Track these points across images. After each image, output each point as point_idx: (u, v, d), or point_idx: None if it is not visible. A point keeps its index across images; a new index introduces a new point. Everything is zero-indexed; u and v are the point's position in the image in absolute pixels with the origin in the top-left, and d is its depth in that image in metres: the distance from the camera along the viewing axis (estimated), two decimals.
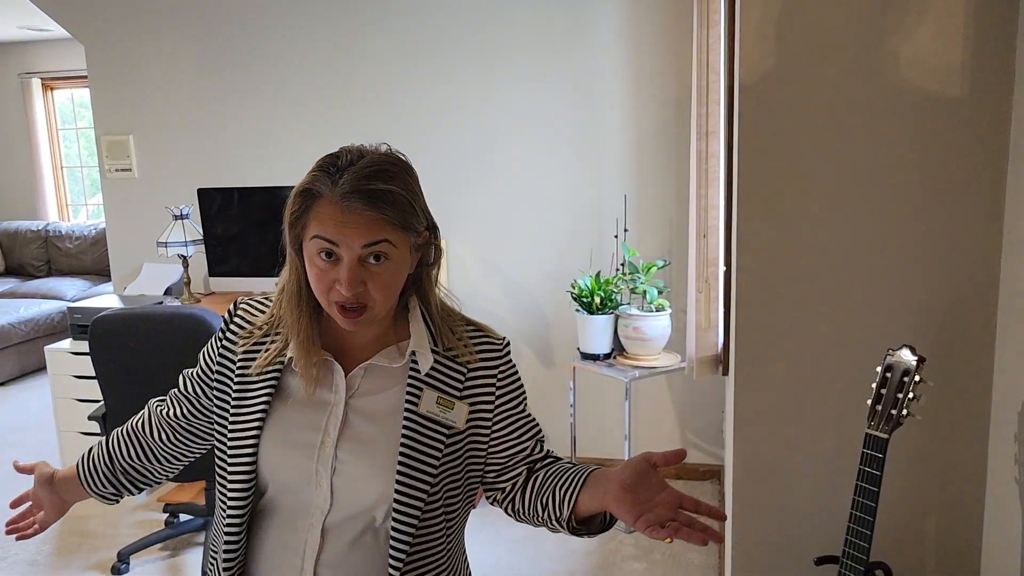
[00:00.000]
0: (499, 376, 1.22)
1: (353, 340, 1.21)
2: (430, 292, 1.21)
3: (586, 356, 3.47)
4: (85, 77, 7.00)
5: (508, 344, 1.26)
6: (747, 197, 1.94)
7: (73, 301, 6.21)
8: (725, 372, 2.55)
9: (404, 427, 1.15)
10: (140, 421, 1.39)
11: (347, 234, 1.06)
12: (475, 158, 3.87)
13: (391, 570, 1.15)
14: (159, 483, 1.43)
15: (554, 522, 1.18)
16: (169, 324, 2.83)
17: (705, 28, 2.50)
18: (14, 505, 1.41)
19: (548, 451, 1.28)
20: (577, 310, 3.47)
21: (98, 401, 3.15)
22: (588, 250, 3.82)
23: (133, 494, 1.42)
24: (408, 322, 1.22)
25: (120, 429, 1.40)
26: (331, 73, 3.95)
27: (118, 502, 1.43)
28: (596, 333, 3.42)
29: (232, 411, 1.21)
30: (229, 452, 1.19)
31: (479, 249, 3.93)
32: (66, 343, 3.74)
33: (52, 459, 4.13)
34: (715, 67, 2.51)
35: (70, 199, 7.78)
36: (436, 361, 1.19)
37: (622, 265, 3.56)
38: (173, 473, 1.41)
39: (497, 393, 1.22)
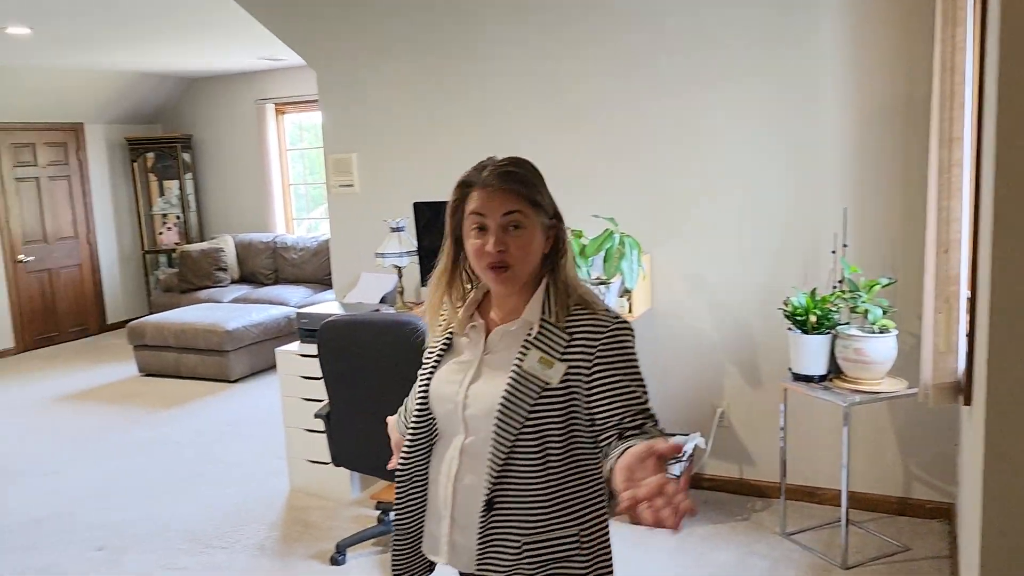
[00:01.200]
0: (599, 348, 1.45)
1: (498, 311, 1.56)
2: (561, 270, 1.51)
3: (799, 377, 3.29)
4: (312, 101, 7.63)
5: (619, 326, 1.47)
6: (1006, 208, 1.74)
7: (297, 307, 6.74)
8: (967, 401, 2.31)
9: (509, 378, 1.47)
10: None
11: (492, 206, 1.46)
12: (679, 169, 3.79)
13: (484, 488, 1.48)
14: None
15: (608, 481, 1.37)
16: (389, 330, 2.99)
17: (951, 26, 2.30)
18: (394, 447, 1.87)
19: (643, 425, 1.40)
20: (790, 329, 3.30)
21: (323, 400, 3.37)
22: (800, 266, 3.63)
23: None
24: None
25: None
26: (539, 88, 4.03)
27: None
28: (811, 354, 3.24)
29: (422, 366, 1.64)
30: (415, 392, 1.63)
31: (684, 265, 3.85)
32: (294, 346, 4.05)
33: (278, 453, 4.50)
34: (961, 68, 2.29)
35: (296, 213, 8.47)
36: (544, 327, 1.48)
37: (840, 282, 3.35)
38: None
39: (595, 362, 1.45)
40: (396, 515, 1.64)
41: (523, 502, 1.47)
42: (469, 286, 1.62)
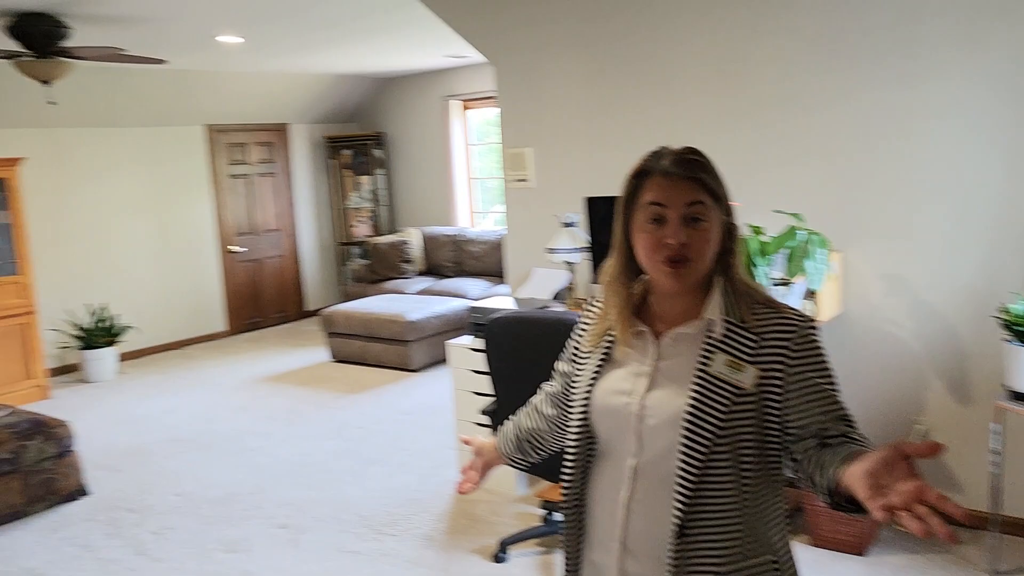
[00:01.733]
0: (793, 349, 1.33)
1: (665, 314, 1.43)
2: (734, 269, 1.39)
3: (1017, 396, 2.88)
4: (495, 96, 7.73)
5: (810, 325, 1.36)
6: None
7: (476, 300, 6.85)
8: None
9: (694, 384, 1.34)
10: (537, 398, 1.73)
11: (673, 195, 1.35)
12: (875, 157, 3.43)
13: (674, 513, 1.33)
14: (553, 452, 1.69)
15: (821, 494, 1.26)
16: (554, 328, 2.92)
17: None
18: (463, 471, 1.77)
19: (847, 432, 1.31)
20: (1007, 339, 2.89)
21: (491, 396, 3.37)
22: (1021, 268, 3.17)
23: (533, 461, 1.73)
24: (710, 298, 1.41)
25: (525, 406, 1.74)
26: (721, 80, 3.80)
27: (524, 468, 1.77)
28: None
29: (575, 377, 1.53)
30: (570, 408, 1.50)
31: (880, 264, 3.49)
32: (465, 339, 4.09)
33: (450, 444, 4.57)
34: None
35: (478, 207, 8.64)
36: (729, 328, 1.36)
37: None
38: (561, 444, 1.64)
39: (791, 364, 1.33)
40: (564, 544, 1.52)
41: (719, 526, 1.33)
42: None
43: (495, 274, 7.60)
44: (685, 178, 1.35)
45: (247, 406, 5.82)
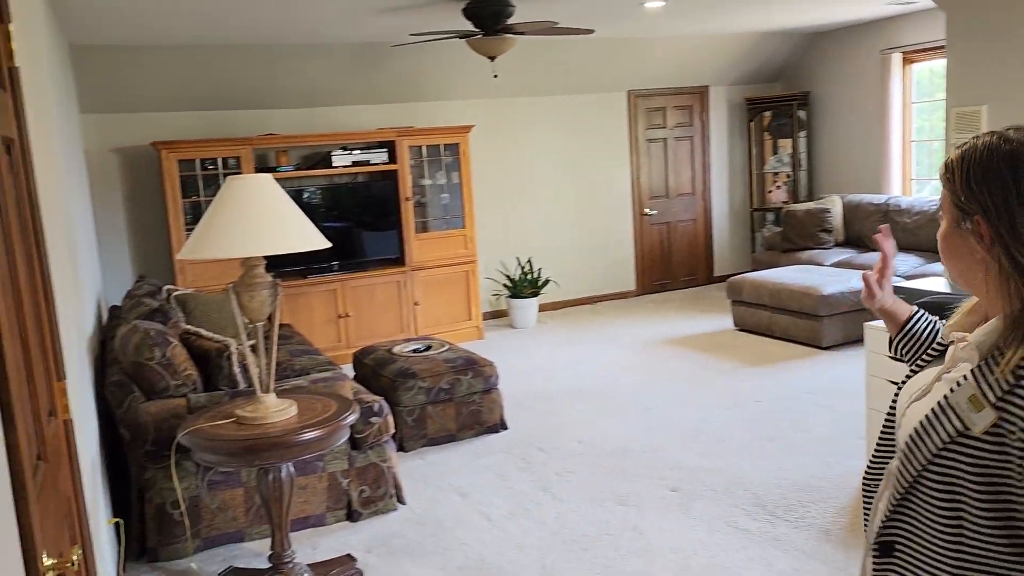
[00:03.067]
0: None
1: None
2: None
3: None
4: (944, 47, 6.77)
5: None
6: None
7: (904, 277, 6.15)
8: None
9: (931, 408, 1.22)
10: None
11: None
12: None
13: (877, 537, 1.27)
14: None
15: None
16: None
17: None
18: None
19: None
20: None
21: None
22: None
23: (903, 358, 1.58)
24: None
25: None
26: None
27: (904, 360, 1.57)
28: None
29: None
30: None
31: None
32: None
33: (856, 432, 4.20)
34: None
35: (915, 173, 7.71)
36: (992, 359, 1.17)
37: None
38: None
39: None
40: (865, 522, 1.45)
41: (924, 563, 1.21)
42: None
43: (930, 249, 6.74)
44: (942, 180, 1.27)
45: (648, 366, 5.98)
